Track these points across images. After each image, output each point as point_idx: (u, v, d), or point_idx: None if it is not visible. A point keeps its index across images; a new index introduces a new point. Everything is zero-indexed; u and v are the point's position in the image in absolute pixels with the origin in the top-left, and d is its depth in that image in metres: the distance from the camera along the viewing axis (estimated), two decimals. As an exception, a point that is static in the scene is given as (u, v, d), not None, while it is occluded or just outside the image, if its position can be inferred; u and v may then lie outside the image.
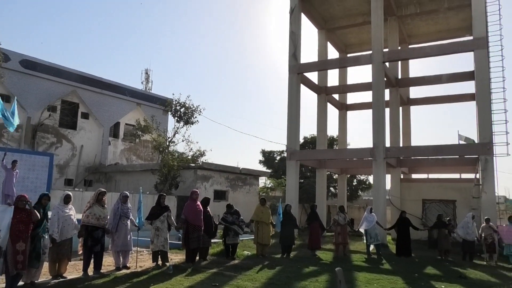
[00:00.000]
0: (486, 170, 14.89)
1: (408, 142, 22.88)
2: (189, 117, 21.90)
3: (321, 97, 22.10)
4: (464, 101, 22.42)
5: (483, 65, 15.70)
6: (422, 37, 23.17)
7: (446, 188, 19.10)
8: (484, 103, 15.51)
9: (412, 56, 20.24)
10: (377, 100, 17.11)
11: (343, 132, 24.45)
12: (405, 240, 12.92)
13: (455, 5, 19.31)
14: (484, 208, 14.63)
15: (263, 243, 11.65)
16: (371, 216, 13.12)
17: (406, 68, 23.58)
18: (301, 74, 19.43)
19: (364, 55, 18.97)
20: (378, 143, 16.73)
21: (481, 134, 15.35)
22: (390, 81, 19.60)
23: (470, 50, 16.22)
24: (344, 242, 12.91)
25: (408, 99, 23.41)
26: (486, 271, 10.42)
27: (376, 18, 17.52)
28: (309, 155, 20.83)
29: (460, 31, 21.72)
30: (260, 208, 11.89)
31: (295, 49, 19.19)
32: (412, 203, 19.44)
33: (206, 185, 21.70)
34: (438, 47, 18.51)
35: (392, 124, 20.37)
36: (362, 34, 22.56)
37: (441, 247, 12.86)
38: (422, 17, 20.92)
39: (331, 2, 20.32)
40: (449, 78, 20.08)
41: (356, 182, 28.99)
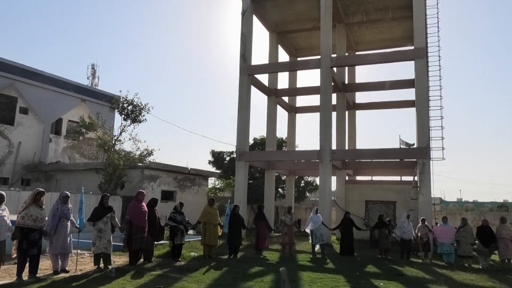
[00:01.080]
0: (423, 173, 15.77)
1: (353, 145, 23.72)
2: (137, 115, 21.30)
3: (271, 99, 22.38)
4: (405, 107, 23.60)
5: (422, 74, 16.63)
6: (368, 45, 24.15)
7: (387, 190, 20.01)
8: (423, 109, 16.43)
9: (358, 63, 21.05)
10: (325, 103, 17.59)
11: (292, 134, 24.90)
12: (348, 240, 13.39)
13: (398, 16, 20.32)
14: (421, 209, 15.47)
15: (210, 244, 11.59)
16: (317, 217, 13.46)
17: (353, 73, 24.46)
18: (252, 75, 19.57)
19: (313, 60, 19.46)
20: (325, 146, 17.20)
21: (419, 139, 16.24)
22: (338, 86, 20.24)
23: (411, 59, 17.11)
24: (291, 242, 13.14)
25: (354, 104, 24.28)
26: (422, 269, 11.02)
27: (325, 25, 18.02)
28: (258, 156, 21.02)
29: (403, 40, 22.86)
30: (208, 209, 11.82)
31: (246, 50, 19.29)
32: (356, 204, 20.17)
33: (153, 185, 21.22)
34: (382, 55, 19.39)
35: (338, 127, 21.03)
36: (312, 39, 23.11)
37: (381, 246, 13.45)
38: (368, 25, 21.82)
39: (282, 6, 20.65)
40: (392, 85, 21.08)
41: (304, 183, 29.64)
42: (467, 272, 10.68)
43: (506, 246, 11.88)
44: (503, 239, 11.93)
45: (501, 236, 11.98)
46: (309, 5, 20.17)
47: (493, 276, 10.23)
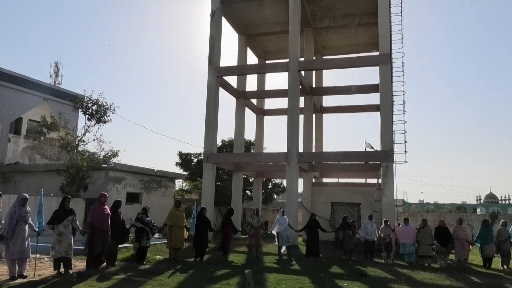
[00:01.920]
0: (386, 176, 16.21)
1: (320, 148, 24.09)
2: (102, 116, 20.77)
3: (239, 101, 22.40)
4: (370, 111, 24.19)
5: (386, 79, 17.12)
6: (335, 50, 24.62)
7: (353, 192, 20.44)
8: (387, 114, 16.90)
9: (325, 67, 21.43)
10: (292, 106, 17.78)
11: (260, 137, 25.00)
12: (314, 242, 13.56)
13: (364, 22, 20.83)
14: (384, 211, 15.90)
15: (176, 247, 11.45)
16: (283, 219, 13.57)
17: (320, 77, 24.85)
18: (220, 77, 19.52)
19: (282, 63, 19.62)
20: (292, 148, 17.37)
21: (383, 143, 16.68)
22: (305, 89, 20.51)
23: (376, 64, 17.58)
24: (257, 244, 13.18)
25: (321, 107, 24.67)
26: (384, 269, 11.32)
27: (293, 28, 18.24)
28: (226, 158, 20.97)
29: (368, 46, 23.43)
30: (174, 211, 11.68)
31: (214, 52, 19.23)
32: (322, 206, 20.48)
33: (118, 187, 20.74)
34: (348, 60, 19.83)
35: (305, 130, 21.31)
36: (280, 42, 23.32)
37: (345, 247, 13.72)
38: (335, 30, 22.25)
39: (252, 9, 20.74)
40: (358, 89, 21.58)
41: (271, 185, 29.79)
42: (427, 271, 11.04)
43: (463, 246, 12.38)
44: (460, 240, 12.42)
45: (458, 236, 12.47)
46: (278, 9, 20.36)
47: (450, 275, 10.63)
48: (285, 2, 18.88)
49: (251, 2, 20.20)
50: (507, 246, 12.45)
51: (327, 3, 20.00)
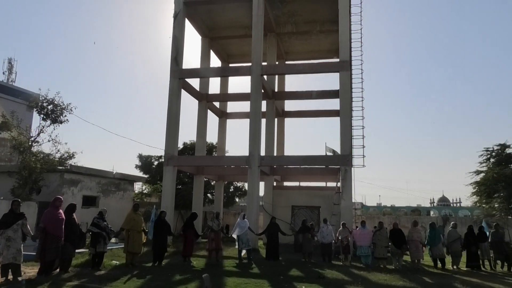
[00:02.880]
0: (345, 180, 16.59)
1: (282, 152, 24.32)
2: (58, 116, 19.96)
3: (201, 104, 22.26)
4: (331, 116, 24.70)
5: (346, 86, 17.56)
6: (298, 55, 25.02)
7: (313, 196, 20.78)
8: (346, 119, 17.32)
9: (287, 72, 21.69)
10: (255, 110, 17.87)
11: (222, 140, 24.94)
12: (274, 245, 13.65)
13: (325, 29, 21.32)
14: (343, 214, 16.25)
15: (133, 251, 11.18)
16: (244, 222, 13.56)
17: (283, 82, 25.14)
18: (183, 79, 19.33)
19: (244, 67, 19.71)
20: (253, 152, 17.44)
21: (342, 147, 17.07)
22: (267, 93, 20.67)
23: (336, 71, 17.98)
24: (217, 248, 13.10)
25: (283, 111, 24.94)
26: (341, 271, 11.56)
27: (257, 33, 18.36)
28: (187, 161, 20.74)
29: (329, 53, 23.96)
30: (132, 215, 11.40)
31: (177, 54, 19.03)
32: (282, 209, 20.67)
33: (74, 190, 20.02)
34: (310, 65, 20.19)
35: (267, 134, 21.47)
36: (243, 46, 23.40)
37: (305, 250, 13.90)
38: (297, 36, 22.61)
39: (215, 11, 20.72)
40: (319, 94, 21.98)
41: (233, 188, 29.75)
42: (382, 272, 11.37)
43: (417, 248, 12.86)
44: (414, 241, 12.90)
45: (413, 238, 12.95)
46: (241, 13, 20.44)
47: (404, 275, 11.00)
48: (248, 7, 18.99)
49: (214, 5, 20.19)
50: (457, 247, 13.05)
51: (290, 9, 20.30)
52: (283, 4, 19.90)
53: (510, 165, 34.03)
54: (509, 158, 34.57)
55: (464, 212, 46.60)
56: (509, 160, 34.46)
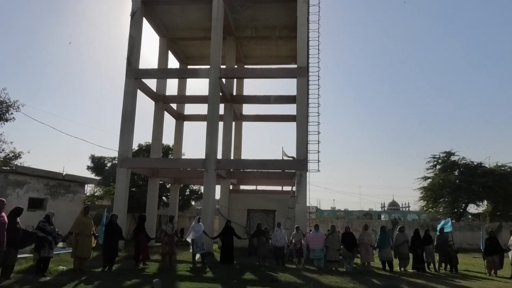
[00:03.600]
0: (300, 184, 16.85)
1: (239, 155, 24.33)
2: (3, 113, 18.98)
3: (158, 105, 21.87)
4: (288, 121, 24.97)
5: (303, 91, 17.87)
6: (256, 59, 25.18)
7: (268, 199, 20.92)
8: (302, 124, 17.61)
9: (246, 76, 21.79)
10: (212, 113, 17.78)
11: (179, 142, 24.60)
12: (228, 248, 13.62)
13: (284, 35, 21.62)
14: (297, 217, 16.48)
15: (82, 256, 10.75)
16: (199, 226, 13.44)
17: (241, 85, 25.18)
18: (139, 79, 18.92)
19: (203, 69, 19.57)
20: (210, 155, 17.34)
21: (298, 152, 17.33)
22: (226, 97, 20.65)
23: (294, 76, 18.25)
24: (171, 252, 12.90)
25: (241, 115, 24.98)
26: (294, 274, 11.71)
27: (216, 36, 18.30)
28: (142, 163, 20.29)
29: (288, 59, 24.31)
30: (82, 218, 10.97)
31: (133, 53, 18.61)
32: (238, 213, 20.66)
33: (19, 192, 18.98)
34: (268, 70, 20.37)
35: (225, 137, 21.40)
36: (202, 48, 23.27)
37: (259, 254, 13.98)
38: (257, 41, 22.78)
39: (174, 12, 20.48)
40: (276, 99, 22.22)
41: (189, 191, 29.41)
42: (333, 275, 11.65)
43: (367, 251, 13.28)
44: (365, 244, 13.31)
45: (363, 241, 13.36)
46: (201, 15, 20.33)
47: (354, 278, 11.32)
48: (208, 9, 18.92)
49: (174, 6, 19.96)
50: (405, 249, 13.59)
51: (250, 14, 20.43)
52: (243, 8, 20.00)
53: (455, 172, 36.15)
54: (453, 165, 36.72)
55: (412, 216, 48.76)
56: (453, 167, 36.60)
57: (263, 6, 19.78)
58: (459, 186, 33.87)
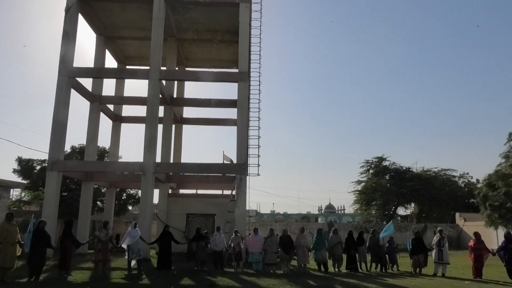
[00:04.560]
0: (240, 188, 16.94)
1: (179, 159, 23.95)
2: None
3: (94, 106, 20.95)
4: (229, 125, 25.02)
5: (244, 96, 18.02)
6: (198, 62, 24.99)
7: (208, 203, 20.77)
8: (243, 129, 17.74)
9: (187, 78, 21.52)
10: (151, 115, 17.35)
11: (116, 144, 23.71)
12: (166, 254, 13.33)
13: (226, 39, 21.66)
14: (237, 221, 16.53)
15: (4, 266, 9.97)
16: (135, 231, 13.04)
17: (182, 88, 24.86)
18: (73, 78, 18.02)
19: (142, 70, 19.09)
20: (148, 158, 16.90)
21: (238, 156, 17.43)
22: (165, 99, 20.27)
23: (235, 81, 18.34)
24: (105, 259, 12.38)
25: (181, 118, 24.64)
26: (233, 278, 11.73)
27: (156, 36, 17.93)
28: (75, 166, 19.27)
29: (230, 63, 24.37)
30: (5, 225, 10.19)
31: (67, 50, 17.71)
32: (177, 217, 20.30)
33: None
34: (210, 74, 20.33)
35: (164, 140, 20.99)
36: (142, 48, 22.68)
37: (198, 258, 13.83)
38: (198, 44, 22.61)
39: (113, 10, 19.80)
40: (217, 103, 22.22)
41: (126, 196, 28.41)
42: (271, 278, 11.81)
43: (303, 253, 13.63)
44: (301, 247, 13.65)
45: (300, 244, 13.70)
46: (141, 14, 19.83)
47: (291, 279, 11.56)
48: (149, 9, 18.48)
49: (112, 3, 19.28)
50: (339, 251, 14.12)
51: (192, 16, 20.25)
52: (185, 10, 19.78)
53: (386, 176, 38.32)
54: (385, 170, 38.92)
55: (347, 218, 50.72)
56: (385, 171, 38.79)
57: (205, 9, 19.69)
58: (390, 189, 35.94)
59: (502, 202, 21.44)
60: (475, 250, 12.78)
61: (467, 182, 39.24)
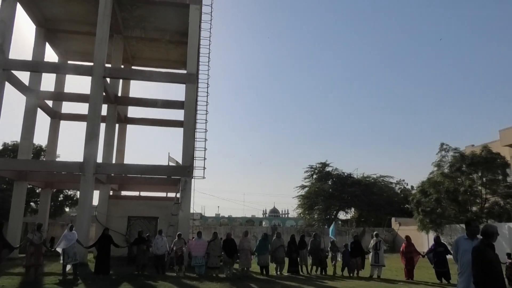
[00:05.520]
0: (184, 190, 16.71)
1: (122, 159, 23.22)
2: None
3: (30, 101, 19.76)
4: (175, 126, 24.72)
5: (191, 98, 17.85)
6: (145, 61, 24.43)
7: (151, 206, 20.30)
8: (189, 131, 17.55)
9: (132, 77, 20.93)
10: (93, 113, 16.69)
11: (53, 142, 22.51)
12: (105, 258, 12.84)
13: (175, 39, 21.37)
14: (180, 224, 16.29)
15: None
16: (72, 234, 12.43)
17: (127, 87, 24.17)
18: (8, 70, 16.92)
19: (85, 66, 18.35)
20: (89, 158, 16.22)
21: (184, 158, 17.21)
22: (109, 97, 19.60)
23: (183, 82, 18.12)
24: (37, 263, 11.71)
25: (126, 117, 23.92)
26: (174, 282, 11.53)
27: (101, 32, 17.30)
28: (7, 165, 18.05)
29: (178, 64, 24.06)
30: None
31: (5, 41, 16.62)
32: (118, 220, 19.65)
33: None
34: (157, 73, 19.92)
35: (106, 139, 20.26)
36: (86, 44, 21.76)
37: (138, 262, 13.45)
38: (146, 43, 22.12)
39: (55, 1, 18.89)
40: (164, 104, 21.79)
41: (63, 197, 27.07)
42: (214, 281, 11.77)
43: (246, 257, 13.69)
44: (245, 250, 13.71)
45: (243, 247, 13.75)
46: (86, 8, 19.08)
47: (233, 283, 11.59)
48: (95, 3, 17.82)
49: (54, -6, 18.36)
50: (281, 254, 14.35)
51: (140, 14, 19.78)
52: (133, 8, 19.28)
53: (329, 181, 39.56)
54: (328, 175, 40.16)
55: (291, 222, 51.75)
56: (327, 177, 40.02)
57: (154, 8, 19.32)
58: (332, 194, 37.13)
59: (433, 208, 22.88)
60: (406, 253, 13.58)
61: (403, 188, 41.49)
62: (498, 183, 22.42)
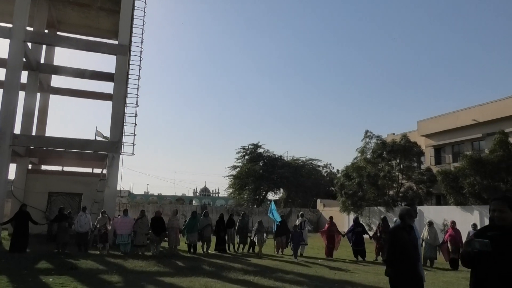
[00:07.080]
0: (111, 167, 16.13)
1: (43, 132, 21.71)
2: None
3: None
4: (104, 99, 23.47)
5: (122, 70, 17.09)
6: (73, 28, 22.74)
7: (75, 182, 19.31)
8: (119, 105, 16.86)
9: (58, 44, 19.48)
10: (11, 80, 15.40)
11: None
12: (21, 235, 12.12)
13: (107, 7, 20.12)
14: (106, 201, 15.75)
15: None
16: (-17, 210, 11.53)
17: (52, 54, 22.44)
18: None
19: (3, 27, 16.71)
20: (5, 129, 15.00)
21: (112, 133, 16.53)
22: (31, 64, 18.13)
23: (114, 53, 17.26)
24: None
25: (49, 87, 22.31)
26: (97, 260, 11.18)
27: (23, -9, 15.83)
28: None
29: (109, 33, 22.71)
30: None
31: None
32: (37, 196, 18.50)
33: None
34: (86, 42, 18.74)
35: (26, 109, 18.84)
36: (5, 3, 19.77)
37: (59, 240, 12.87)
38: (74, 7, 20.57)
39: (-32, -49, 16.85)
40: (92, 75, 20.59)
41: (-26, 170, 24.81)
42: (139, 259, 11.60)
43: (176, 235, 13.66)
44: (174, 229, 13.66)
45: (172, 226, 13.69)
46: (5, -37, 17.27)
47: (160, 261, 11.52)
48: (16, -42, 16.18)
49: None
50: (208, 233, 14.50)
51: (69, -25, 18.35)
52: (60, -33, 17.82)
53: (260, 162, 40.34)
54: (259, 157, 40.92)
55: (221, 201, 52.12)
56: (259, 158, 40.78)
57: (84, -29, 18.02)
58: (262, 175, 37.96)
59: (355, 191, 24.31)
60: (329, 231, 14.40)
61: (329, 171, 43.51)
62: (413, 169, 24.29)
